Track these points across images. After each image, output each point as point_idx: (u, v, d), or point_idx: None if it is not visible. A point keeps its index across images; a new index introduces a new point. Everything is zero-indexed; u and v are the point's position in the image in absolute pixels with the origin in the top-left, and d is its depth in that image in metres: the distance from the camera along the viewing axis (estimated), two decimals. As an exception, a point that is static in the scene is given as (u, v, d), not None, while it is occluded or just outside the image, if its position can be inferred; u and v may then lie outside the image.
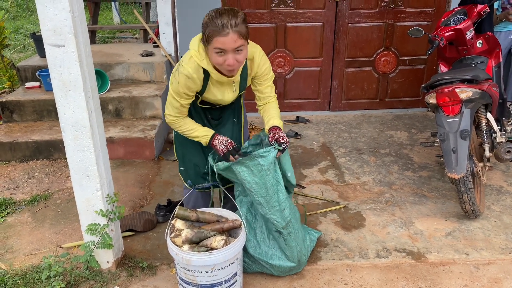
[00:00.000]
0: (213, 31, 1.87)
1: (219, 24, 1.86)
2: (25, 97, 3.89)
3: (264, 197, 2.10)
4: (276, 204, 2.12)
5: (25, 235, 2.70)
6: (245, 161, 2.05)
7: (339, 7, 4.18)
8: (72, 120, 2.04)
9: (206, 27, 1.92)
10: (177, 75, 2.04)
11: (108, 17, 9.20)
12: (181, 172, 2.42)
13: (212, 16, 1.89)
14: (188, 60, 2.03)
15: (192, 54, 2.02)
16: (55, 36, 1.89)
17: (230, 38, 1.87)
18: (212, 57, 1.97)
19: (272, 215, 2.14)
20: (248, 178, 2.07)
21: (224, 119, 2.36)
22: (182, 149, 2.36)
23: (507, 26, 3.83)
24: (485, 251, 2.47)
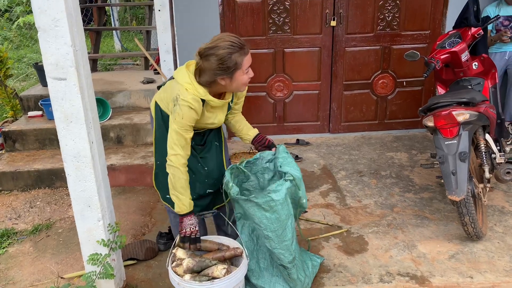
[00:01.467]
0: (239, 56, 1.96)
1: (242, 46, 1.97)
2: (28, 126, 3.93)
3: (275, 231, 2.06)
4: (286, 239, 2.10)
5: (27, 265, 2.69)
6: (256, 199, 2.02)
7: (336, 32, 4.26)
8: (73, 151, 2.07)
9: (228, 58, 1.93)
10: (178, 110, 2.01)
11: (109, 44, 9.36)
12: (168, 200, 2.34)
13: (229, 47, 1.94)
14: (184, 93, 2.01)
15: (186, 87, 2.02)
16: (57, 69, 1.93)
17: (250, 54, 2.03)
18: (239, 80, 2.02)
19: (280, 249, 2.10)
20: (257, 214, 2.04)
21: (208, 144, 2.37)
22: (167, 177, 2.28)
23: (501, 47, 3.89)
24: (490, 274, 2.45)
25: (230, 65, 1.95)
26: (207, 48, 1.97)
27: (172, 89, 2.09)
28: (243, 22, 4.18)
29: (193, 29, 4.16)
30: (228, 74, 1.99)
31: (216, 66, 1.95)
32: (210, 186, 2.35)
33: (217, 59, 1.94)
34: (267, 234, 2.07)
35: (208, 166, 2.34)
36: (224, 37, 1.97)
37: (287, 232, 2.09)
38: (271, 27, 4.22)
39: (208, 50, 1.96)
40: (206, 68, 1.99)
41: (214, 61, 1.95)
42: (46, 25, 1.86)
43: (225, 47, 1.93)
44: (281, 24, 4.22)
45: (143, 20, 10.47)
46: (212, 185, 2.36)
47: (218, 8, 4.12)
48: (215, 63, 1.95)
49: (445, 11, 4.24)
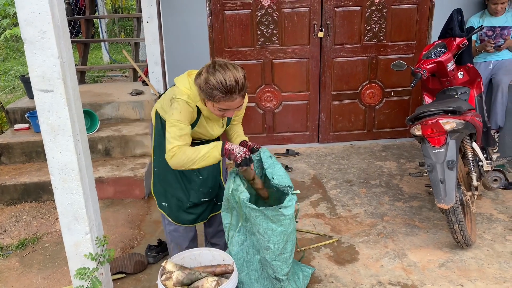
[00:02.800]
0: (222, 97, 1.96)
1: (228, 93, 1.95)
2: (14, 139, 3.88)
3: (277, 243, 2.06)
4: (286, 251, 2.10)
5: (13, 281, 2.63)
6: (266, 211, 2.02)
7: (323, 43, 4.30)
8: (60, 164, 2.04)
9: (213, 89, 1.95)
10: (177, 105, 2.05)
11: (97, 56, 9.32)
12: (163, 207, 2.40)
13: (221, 83, 1.93)
14: (182, 94, 2.07)
15: (185, 91, 2.08)
16: (44, 81, 1.91)
17: (236, 102, 2.02)
18: (211, 109, 2.06)
19: (278, 261, 2.10)
20: (263, 224, 2.04)
21: None
22: (164, 185, 2.36)
23: (486, 57, 3.96)
24: (479, 281, 2.46)
25: (208, 92, 1.98)
26: (216, 65, 1.99)
27: (171, 92, 2.15)
28: (231, 33, 4.20)
29: (182, 40, 4.17)
30: (204, 95, 2.02)
31: (202, 82, 1.99)
32: (204, 194, 2.37)
33: (205, 78, 1.97)
34: (268, 245, 2.07)
35: (203, 175, 2.36)
36: (229, 74, 1.95)
37: (288, 245, 2.09)
38: (259, 38, 4.25)
39: (212, 68, 1.98)
40: (201, 74, 2.02)
41: (203, 77, 1.99)
42: (33, 37, 1.85)
43: (217, 80, 1.93)
44: (270, 36, 4.24)
45: (131, 32, 10.47)
46: (207, 194, 2.38)
47: (206, 19, 4.13)
48: (202, 79, 1.99)
49: (430, 21, 4.31)
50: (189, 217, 2.38)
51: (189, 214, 2.38)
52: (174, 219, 2.39)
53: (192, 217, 2.39)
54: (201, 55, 4.23)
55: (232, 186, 2.15)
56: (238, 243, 2.28)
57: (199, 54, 4.22)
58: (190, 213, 2.38)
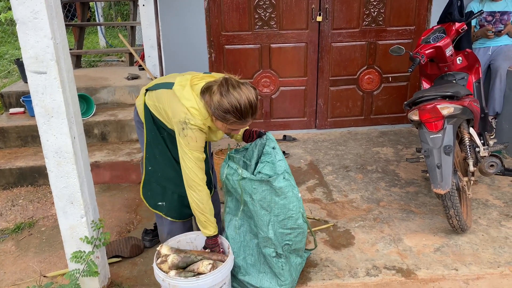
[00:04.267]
0: (235, 121, 1.93)
1: (242, 118, 1.92)
2: (9, 124, 3.85)
3: (277, 215, 2.11)
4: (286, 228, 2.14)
5: (9, 264, 2.63)
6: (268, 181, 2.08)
7: (322, 27, 4.26)
8: (55, 147, 2.02)
9: (226, 113, 1.90)
10: (191, 134, 1.96)
11: (94, 40, 9.23)
12: (160, 207, 2.34)
13: (236, 108, 1.88)
14: (193, 118, 1.96)
15: (193, 113, 1.96)
16: (37, 63, 1.88)
17: (248, 124, 2.01)
18: (221, 127, 2.03)
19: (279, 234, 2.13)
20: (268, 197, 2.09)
21: None
22: (163, 183, 2.29)
23: (485, 42, 3.93)
24: (474, 266, 2.48)
25: (220, 115, 1.92)
26: (229, 86, 1.90)
27: (174, 107, 2.00)
28: (228, 17, 4.15)
29: (178, 24, 4.12)
30: (214, 116, 1.96)
31: (213, 102, 1.91)
32: None
33: (218, 101, 1.89)
34: (270, 218, 2.10)
35: None
36: (243, 96, 1.88)
37: (288, 222, 2.12)
38: (257, 22, 4.20)
39: (225, 89, 1.90)
40: (210, 93, 1.94)
41: (215, 99, 1.90)
42: (25, 17, 1.81)
43: (232, 105, 1.88)
44: (267, 20, 4.20)
45: (128, 16, 10.34)
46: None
47: (203, 2, 4.08)
48: (215, 101, 1.90)
49: (430, 6, 4.27)
50: (189, 211, 2.30)
51: (189, 208, 2.29)
52: (175, 217, 2.34)
53: (189, 211, 2.32)
54: (198, 39, 4.18)
55: (226, 171, 2.15)
56: (235, 227, 2.28)
57: (196, 38, 4.18)
58: (188, 207, 2.30)
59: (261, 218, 2.12)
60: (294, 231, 2.15)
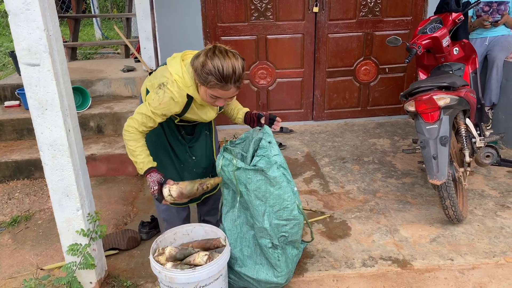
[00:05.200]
0: (216, 84, 1.89)
1: (223, 81, 1.88)
2: (4, 117, 3.83)
3: (272, 206, 2.09)
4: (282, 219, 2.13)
5: (5, 257, 2.63)
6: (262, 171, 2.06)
7: (318, 18, 4.23)
8: (49, 140, 2.01)
9: (208, 74, 1.88)
10: (161, 94, 1.96)
11: (89, 33, 9.17)
12: None
13: (218, 69, 1.86)
14: (172, 84, 1.96)
15: (176, 79, 1.97)
16: (30, 55, 1.87)
17: (230, 92, 1.95)
18: (203, 95, 1.99)
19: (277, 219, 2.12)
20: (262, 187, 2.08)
21: (197, 133, 2.34)
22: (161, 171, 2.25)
23: (482, 33, 3.92)
24: (470, 256, 2.49)
25: (202, 77, 1.90)
26: (216, 51, 1.91)
27: (162, 75, 2.03)
28: (224, 7, 4.12)
29: (174, 15, 4.08)
30: (198, 79, 1.95)
31: (197, 64, 1.91)
32: (198, 175, 2.33)
33: (202, 61, 1.89)
34: (265, 208, 2.09)
35: (196, 155, 2.32)
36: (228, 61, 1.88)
37: (283, 213, 2.11)
38: (253, 13, 4.17)
39: (212, 53, 1.90)
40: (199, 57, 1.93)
41: (200, 60, 1.90)
42: (17, 8, 1.79)
43: (215, 66, 1.86)
44: (264, 10, 4.17)
45: (123, 8, 10.26)
46: (201, 174, 2.35)
47: (199, -6, 4.04)
48: (199, 62, 1.90)
49: (427, -4, 4.24)
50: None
51: None
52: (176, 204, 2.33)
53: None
54: (194, 31, 4.15)
55: (221, 162, 2.14)
56: (232, 219, 2.28)
57: (192, 30, 4.15)
58: None
59: (256, 208, 2.12)
60: (290, 222, 2.15)
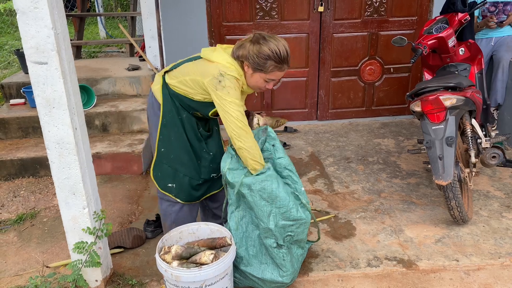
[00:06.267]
0: (275, 66, 2.02)
1: (281, 62, 2.02)
2: (10, 114, 3.84)
3: (279, 207, 2.10)
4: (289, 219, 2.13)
5: (11, 255, 2.64)
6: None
7: (323, 17, 4.23)
8: (56, 138, 2.02)
9: (267, 59, 1.99)
10: (229, 83, 2.00)
11: (94, 31, 9.18)
12: (169, 189, 2.33)
13: (275, 52, 1.99)
14: (229, 69, 2.04)
15: (228, 66, 2.04)
16: (37, 53, 1.87)
17: (284, 72, 2.10)
18: (256, 80, 2.08)
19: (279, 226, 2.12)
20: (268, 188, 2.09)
21: (211, 129, 2.42)
22: (175, 165, 2.29)
23: (487, 33, 3.91)
24: (475, 257, 2.49)
25: (260, 63, 2.01)
26: (263, 37, 2.02)
27: (207, 69, 2.06)
28: (229, 7, 4.12)
29: (179, 14, 4.09)
30: (252, 66, 2.04)
31: (252, 51, 2.01)
32: (214, 170, 2.39)
33: (258, 49, 1.99)
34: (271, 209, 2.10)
35: (212, 151, 2.38)
36: (280, 43, 2.01)
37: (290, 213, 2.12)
38: (258, 12, 4.17)
39: (261, 39, 2.01)
40: (246, 47, 2.03)
41: (255, 48, 2.00)
42: (25, 6, 1.80)
43: (272, 50, 1.98)
44: (269, 10, 4.17)
45: (128, 7, 10.28)
46: (216, 169, 2.39)
47: (204, -7, 4.05)
48: (255, 49, 2.00)
49: (432, -4, 4.23)
50: (197, 193, 2.37)
51: (197, 191, 2.37)
52: (184, 199, 2.35)
53: (199, 193, 2.38)
54: (198, 30, 4.16)
55: (228, 165, 2.17)
56: (237, 218, 2.28)
57: (197, 29, 4.15)
58: (198, 190, 2.37)
59: (261, 209, 2.12)
60: (296, 222, 2.15)
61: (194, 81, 2.11)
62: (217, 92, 2.01)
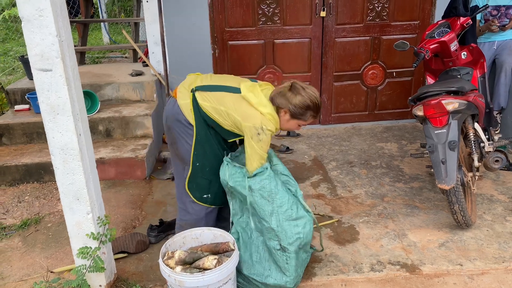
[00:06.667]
0: (312, 115, 2.22)
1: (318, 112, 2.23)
2: (15, 120, 3.87)
3: (280, 206, 2.16)
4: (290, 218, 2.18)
5: (16, 260, 2.66)
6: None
7: (326, 22, 4.24)
8: (61, 144, 2.04)
9: (307, 109, 2.17)
10: (265, 139, 2.14)
11: (97, 37, 9.24)
12: (205, 199, 2.40)
13: (314, 103, 2.17)
14: (269, 123, 2.15)
15: (269, 118, 2.15)
16: (42, 60, 1.89)
17: None
18: (291, 125, 2.25)
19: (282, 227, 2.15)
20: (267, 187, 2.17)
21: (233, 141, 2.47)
22: (209, 177, 2.36)
23: (490, 37, 3.91)
24: (479, 261, 2.48)
25: (301, 112, 2.17)
26: (302, 88, 2.17)
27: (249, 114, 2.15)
28: (232, 12, 4.14)
29: (182, 20, 4.12)
30: (291, 114, 2.18)
31: (294, 102, 2.15)
32: None
33: (301, 100, 2.15)
34: (272, 208, 2.16)
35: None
36: (316, 94, 2.20)
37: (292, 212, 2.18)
38: (260, 18, 4.19)
39: (301, 90, 2.16)
40: (286, 96, 2.16)
41: (298, 99, 2.15)
42: (30, 14, 1.82)
43: (312, 102, 2.16)
44: (271, 15, 4.19)
45: (131, 12, 10.34)
46: None
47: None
48: (297, 101, 2.15)
49: (434, 1, 4.25)
50: (216, 201, 2.45)
51: (218, 199, 2.45)
52: (219, 204, 2.45)
53: (220, 201, 2.46)
54: (201, 35, 4.18)
55: (228, 172, 2.24)
56: (241, 225, 2.31)
57: (200, 34, 4.18)
58: (219, 198, 2.45)
59: (262, 208, 2.15)
60: (301, 220, 2.17)
61: (230, 115, 2.18)
62: (251, 141, 2.15)
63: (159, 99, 4.29)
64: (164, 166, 3.85)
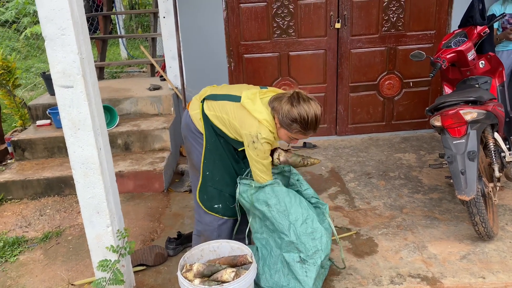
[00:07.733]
0: (299, 131, 2.12)
1: (306, 129, 2.11)
2: (36, 135, 3.97)
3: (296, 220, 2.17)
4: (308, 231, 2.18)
5: (37, 273, 2.70)
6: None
7: (340, 34, 4.26)
8: (82, 158, 2.08)
9: (293, 121, 2.09)
10: (260, 147, 2.13)
11: (115, 52, 9.43)
12: (217, 209, 2.41)
13: (303, 118, 2.07)
14: (265, 131, 2.13)
15: (265, 124, 2.14)
16: (64, 77, 1.95)
17: (308, 136, 2.19)
18: (281, 134, 2.20)
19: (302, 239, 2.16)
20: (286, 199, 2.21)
21: None
22: (219, 186, 2.38)
23: (508, 45, 3.86)
24: (502, 274, 2.42)
25: (286, 123, 2.11)
26: (298, 98, 2.11)
27: (244, 120, 2.15)
28: (247, 26, 4.20)
29: (198, 34, 4.18)
30: (279, 122, 2.14)
31: (283, 110, 2.09)
32: None
33: (289, 110, 2.08)
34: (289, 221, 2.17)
35: (247, 166, 2.46)
36: (311, 110, 2.09)
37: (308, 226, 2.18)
38: (275, 30, 4.23)
39: (296, 101, 2.10)
40: (280, 102, 2.12)
41: (286, 108, 2.08)
42: (53, 34, 1.88)
43: (300, 115, 2.07)
44: (286, 28, 4.23)
45: (148, 27, 10.54)
46: None
47: (222, 13, 4.14)
48: (285, 110, 2.09)
49: (450, 10, 4.22)
50: (241, 209, 2.46)
51: (241, 206, 2.46)
52: (229, 215, 2.45)
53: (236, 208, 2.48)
54: (217, 49, 4.24)
55: (239, 190, 2.31)
56: (261, 243, 2.33)
57: (216, 48, 4.23)
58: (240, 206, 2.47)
59: (280, 222, 2.16)
60: (317, 233, 2.16)
61: (231, 123, 2.21)
62: (248, 149, 2.18)
63: (176, 113, 4.35)
64: (181, 178, 3.89)
